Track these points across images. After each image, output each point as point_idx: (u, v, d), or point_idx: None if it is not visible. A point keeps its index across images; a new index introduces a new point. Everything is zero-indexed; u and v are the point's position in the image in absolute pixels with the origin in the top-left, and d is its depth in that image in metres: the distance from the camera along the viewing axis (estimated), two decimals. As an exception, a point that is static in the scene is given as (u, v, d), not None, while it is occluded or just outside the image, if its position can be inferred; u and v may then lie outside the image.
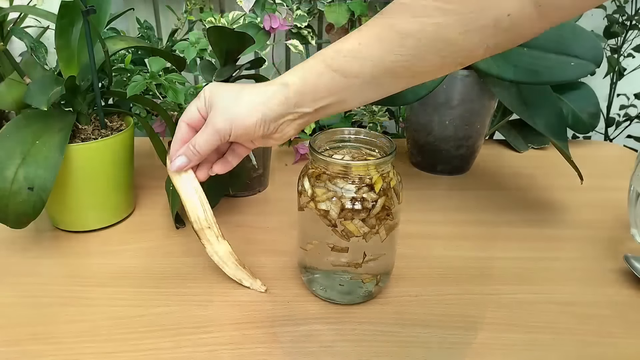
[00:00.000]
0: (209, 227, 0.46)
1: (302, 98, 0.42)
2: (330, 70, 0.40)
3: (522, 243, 0.58)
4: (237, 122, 0.42)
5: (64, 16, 0.55)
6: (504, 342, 0.44)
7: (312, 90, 0.41)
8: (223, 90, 0.44)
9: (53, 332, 0.44)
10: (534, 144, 0.86)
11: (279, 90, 0.42)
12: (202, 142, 0.44)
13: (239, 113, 0.42)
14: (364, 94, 0.42)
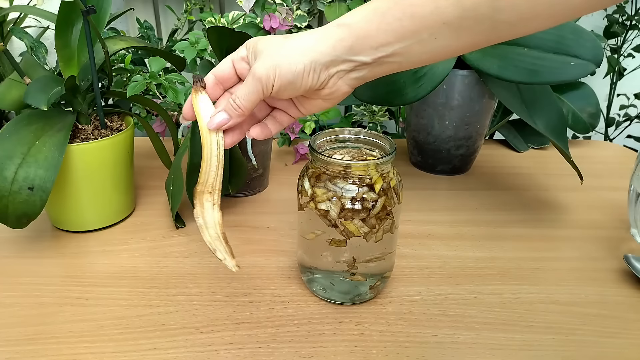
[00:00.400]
0: (210, 192, 0.42)
1: (360, 42, 0.36)
2: (400, 9, 0.34)
3: (522, 243, 0.58)
4: (282, 68, 0.37)
5: (64, 16, 0.55)
6: (504, 342, 0.44)
7: (374, 33, 0.35)
8: (269, 38, 0.39)
9: (53, 332, 0.44)
10: (534, 144, 0.86)
11: (333, 32, 0.37)
12: (243, 95, 0.39)
13: (284, 57, 0.37)
14: (435, 43, 0.35)
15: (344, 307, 0.47)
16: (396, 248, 0.49)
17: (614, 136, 1.19)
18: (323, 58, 0.37)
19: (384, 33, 0.35)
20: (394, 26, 0.35)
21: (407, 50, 0.36)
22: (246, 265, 0.53)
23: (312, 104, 0.41)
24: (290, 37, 0.38)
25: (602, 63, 0.65)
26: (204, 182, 0.42)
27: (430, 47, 0.36)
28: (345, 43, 0.36)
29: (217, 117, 0.40)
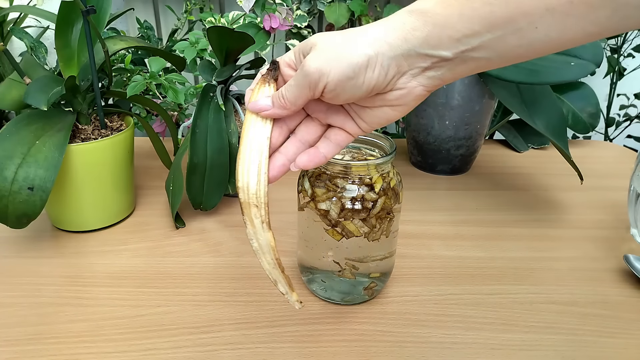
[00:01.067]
0: (256, 205, 0.35)
1: (438, 32, 0.29)
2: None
3: (522, 243, 0.58)
4: (339, 61, 0.30)
5: (64, 16, 0.55)
6: (504, 342, 0.44)
7: (456, 20, 0.29)
8: (325, 33, 0.33)
9: (53, 332, 0.44)
10: (534, 144, 0.86)
11: (404, 20, 0.30)
12: (289, 87, 0.33)
13: (344, 48, 0.31)
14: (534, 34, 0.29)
15: (344, 307, 0.47)
16: (396, 248, 0.49)
17: (614, 136, 1.19)
18: (392, 51, 0.30)
19: (468, 21, 0.29)
20: (481, 12, 0.28)
21: (499, 42, 0.29)
22: (246, 265, 0.53)
23: (376, 114, 0.34)
24: (351, 29, 0.32)
25: (602, 63, 0.65)
26: (245, 187, 0.35)
27: (528, 40, 0.29)
28: (419, 33, 0.30)
29: (261, 101, 0.35)
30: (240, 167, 0.35)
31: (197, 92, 0.69)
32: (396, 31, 0.30)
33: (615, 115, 1.18)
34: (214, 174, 0.59)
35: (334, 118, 0.36)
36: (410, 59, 0.31)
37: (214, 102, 0.59)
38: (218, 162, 0.58)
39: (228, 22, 0.71)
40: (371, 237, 0.43)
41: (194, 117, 0.58)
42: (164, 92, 0.60)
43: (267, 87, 0.36)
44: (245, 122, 0.35)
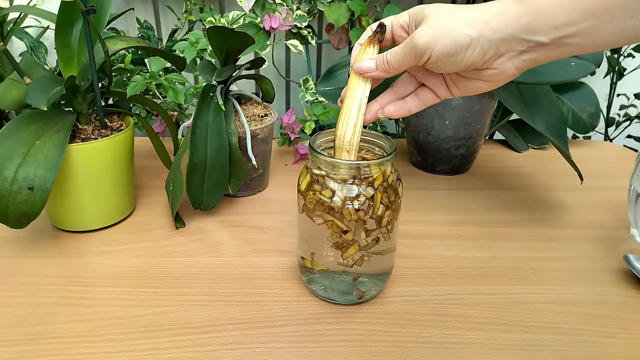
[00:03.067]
0: (347, 151, 0.41)
1: (539, 20, 0.32)
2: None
3: (522, 243, 0.58)
4: (444, 38, 0.34)
5: (64, 16, 0.55)
6: (504, 342, 0.44)
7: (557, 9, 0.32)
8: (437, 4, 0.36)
9: (53, 332, 0.44)
10: (534, 144, 0.86)
11: (509, 6, 0.33)
12: (396, 54, 0.37)
13: (450, 28, 0.34)
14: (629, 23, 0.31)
15: (344, 307, 0.47)
16: (396, 248, 0.49)
17: (614, 136, 1.19)
18: (494, 35, 0.33)
19: (568, 10, 0.31)
20: (581, 3, 0.31)
21: (594, 30, 0.32)
22: (246, 265, 0.53)
23: (469, 85, 0.38)
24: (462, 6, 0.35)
25: (602, 63, 0.65)
26: (342, 136, 0.41)
27: (622, 27, 0.31)
28: (521, 20, 0.33)
29: (365, 63, 0.39)
30: (341, 119, 0.41)
31: (197, 92, 0.69)
32: (501, 16, 0.33)
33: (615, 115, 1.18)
34: (214, 174, 0.59)
35: (431, 80, 0.40)
36: (509, 42, 0.34)
37: (214, 102, 0.59)
38: (218, 162, 0.58)
39: (228, 22, 0.71)
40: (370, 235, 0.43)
41: (194, 117, 0.58)
42: (164, 92, 0.60)
43: (372, 48, 0.40)
44: (350, 81, 0.41)
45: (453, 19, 0.34)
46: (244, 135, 0.62)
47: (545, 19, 0.32)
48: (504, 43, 0.34)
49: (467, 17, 0.34)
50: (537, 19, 0.33)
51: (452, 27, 0.34)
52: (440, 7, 0.36)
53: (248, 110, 0.66)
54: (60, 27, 0.55)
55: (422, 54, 0.35)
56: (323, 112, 0.78)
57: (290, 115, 0.76)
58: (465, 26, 0.34)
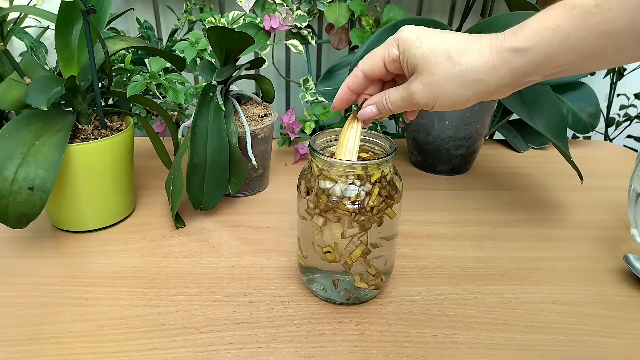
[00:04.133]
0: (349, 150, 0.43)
1: (537, 68, 0.34)
2: (587, 27, 0.31)
3: (522, 243, 0.58)
4: (442, 99, 0.37)
5: (64, 16, 0.55)
6: (504, 342, 0.44)
7: (555, 56, 0.33)
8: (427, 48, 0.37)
9: (53, 332, 0.44)
10: (534, 144, 0.86)
11: (506, 59, 0.34)
12: (396, 103, 0.39)
13: (447, 91, 0.36)
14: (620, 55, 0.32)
15: (344, 307, 0.47)
16: (396, 248, 0.49)
17: (614, 136, 1.19)
18: (490, 88, 0.36)
19: (565, 54, 0.33)
20: (577, 46, 0.32)
21: (586, 64, 0.33)
22: (246, 265, 0.53)
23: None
24: (454, 55, 0.36)
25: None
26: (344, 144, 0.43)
27: (613, 59, 0.33)
28: (520, 71, 0.34)
29: (368, 110, 0.42)
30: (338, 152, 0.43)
31: (197, 92, 0.69)
32: (498, 72, 0.35)
33: (615, 115, 1.18)
34: (214, 174, 0.59)
35: None
36: (505, 88, 0.36)
37: (214, 102, 0.59)
38: (218, 162, 0.58)
39: (228, 22, 0.71)
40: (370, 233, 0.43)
41: (194, 117, 0.58)
42: (164, 92, 0.60)
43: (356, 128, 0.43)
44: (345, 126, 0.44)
45: (448, 79, 0.36)
46: (244, 135, 0.62)
47: (544, 65, 0.34)
48: (500, 88, 0.36)
49: (463, 77, 0.36)
50: (534, 68, 0.34)
51: (448, 89, 0.36)
52: (430, 58, 0.37)
53: (248, 110, 0.66)
54: (60, 27, 0.55)
55: (423, 107, 0.39)
56: (323, 112, 0.78)
57: (290, 115, 0.76)
58: (462, 88, 0.36)
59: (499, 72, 0.35)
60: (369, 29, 0.81)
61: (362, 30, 0.81)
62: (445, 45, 0.36)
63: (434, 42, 0.37)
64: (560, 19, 0.32)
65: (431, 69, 0.37)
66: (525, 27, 0.34)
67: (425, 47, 0.37)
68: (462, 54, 0.36)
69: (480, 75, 0.35)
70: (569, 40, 0.32)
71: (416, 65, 0.37)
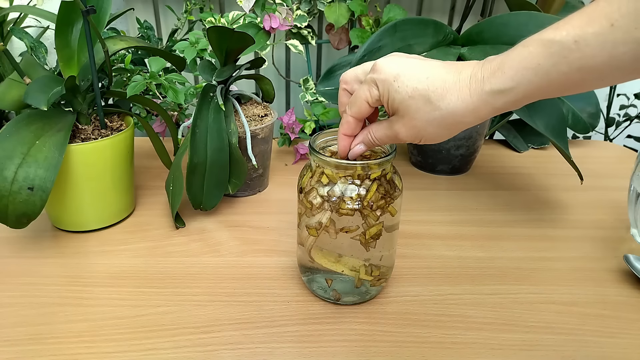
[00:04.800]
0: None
1: (517, 103, 0.34)
2: (567, 63, 0.31)
3: (522, 243, 0.58)
4: (426, 139, 0.38)
5: (64, 16, 0.55)
6: (504, 342, 0.44)
7: (535, 92, 0.33)
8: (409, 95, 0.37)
9: (53, 332, 0.44)
10: (534, 144, 0.86)
11: (487, 100, 0.35)
12: (383, 139, 0.41)
13: (430, 133, 0.37)
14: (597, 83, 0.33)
15: (344, 307, 0.47)
16: (396, 248, 0.49)
17: (614, 136, 1.19)
18: (471, 123, 0.36)
19: (545, 89, 0.33)
20: (558, 81, 0.32)
21: (565, 92, 0.34)
22: (246, 265, 0.53)
23: None
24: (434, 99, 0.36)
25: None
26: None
27: (591, 87, 0.33)
28: (500, 109, 0.35)
29: (357, 149, 0.43)
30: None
31: (197, 92, 0.69)
32: (479, 112, 0.35)
33: (615, 115, 1.18)
34: (214, 174, 0.59)
35: None
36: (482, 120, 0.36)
37: (214, 102, 0.59)
38: (218, 162, 0.58)
39: (228, 22, 0.71)
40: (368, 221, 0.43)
41: (194, 117, 0.58)
42: (164, 92, 0.60)
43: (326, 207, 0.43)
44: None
45: (429, 123, 0.37)
46: (244, 135, 0.62)
47: (524, 100, 0.34)
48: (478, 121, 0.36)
49: (444, 121, 0.36)
50: (514, 104, 0.34)
51: (430, 131, 0.37)
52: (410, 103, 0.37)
53: (248, 110, 0.66)
54: (60, 27, 0.55)
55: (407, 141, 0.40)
56: (323, 112, 0.78)
57: (290, 115, 0.76)
58: (443, 129, 0.37)
59: (479, 112, 0.35)
60: (369, 29, 0.81)
61: (362, 30, 0.81)
62: (424, 87, 0.36)
63: (412, 84, 0.36)
64: (540, 56, 0.32)
65: (412, 113, 0.37)
66: (505, 67, 0.34)
67: (404, 92, 0.37)
68: (442, 98, 0.36)
69: (461, 118, 0.36)
70: (549, 77, 0.32)
71: (397, 109, 0.38)
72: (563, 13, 0.77)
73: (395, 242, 0.47)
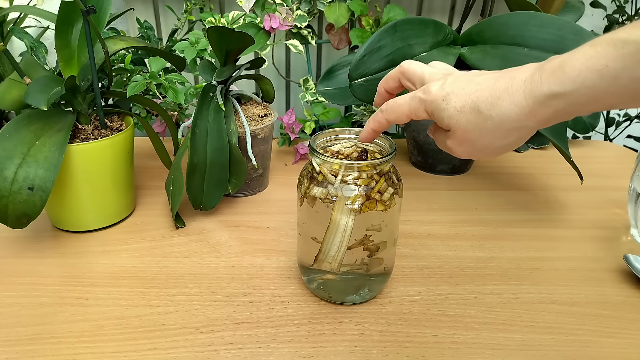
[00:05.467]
0: (329, 262, 0.45)
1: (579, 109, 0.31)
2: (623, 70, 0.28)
3: (521, 243, 0.58)
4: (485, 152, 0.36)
5: (64, 16, 0.55)
6: (504, 342, 0.44)
7: (600, 97, 0.30)
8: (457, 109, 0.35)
9: (53, 332, 0.44)
10: (534, 144, 0.86)
11: (544, 104, 0.32)
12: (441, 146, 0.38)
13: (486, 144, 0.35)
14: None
15: (344, 307, 0.47)
16: (396, 248, 0.49)
17: (614, 136, 1.19)
18: (532, 128, 0.34)
19: (615, 96, 0.29)
20: (629, 88, 0.28)
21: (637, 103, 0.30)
22: (246, 265, 0.53)
23: None
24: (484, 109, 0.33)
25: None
26: (326, 252, 0.44)
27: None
28: (558, 115, 0.32)
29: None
30: (326, 237, 0.43)
31: (197, 92, 0.69)
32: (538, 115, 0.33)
33: (615, 115, 1.18)
34: (214, 173, 0.59)
35: None
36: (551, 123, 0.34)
37: (214, 102, 0.59)
38: (218, 162, 0.58)
39: (228, 22, 0.71)
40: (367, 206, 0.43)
41: (194, 117, 0.58)
42: (164, 92, 0.60)
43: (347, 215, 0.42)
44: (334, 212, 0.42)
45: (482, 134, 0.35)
46: (244, 135, 0.62)
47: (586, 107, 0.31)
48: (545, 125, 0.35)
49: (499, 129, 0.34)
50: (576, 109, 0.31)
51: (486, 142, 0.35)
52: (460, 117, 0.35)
53: (248, 110, 0.66)
54: (60, 27, 0.55)
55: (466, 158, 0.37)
56: (323, 112, 0.78)
57: (290, 115, 0.76)
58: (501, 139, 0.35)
59: (539, 115, 0.32)
60: (369, 29, 0.81)
61: (362, 30, 0.81)
62: (473, 99, 0.34)
63: (461, 99, 0.34)
64: (609, 57, 0.28)
65: (463, 126, 0.35)
66: (567, 67, 0.30)
67: (452, 108, 0.35)
68: (493, 106, 0.33)
69: (516, 123, 0.33)
70: (618, 82, 0.28)
71: (448, 126, 0.36)
72: (563, 13, 0.77)
73: (395, 242, 0.47)
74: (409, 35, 0.64)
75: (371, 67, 0.62)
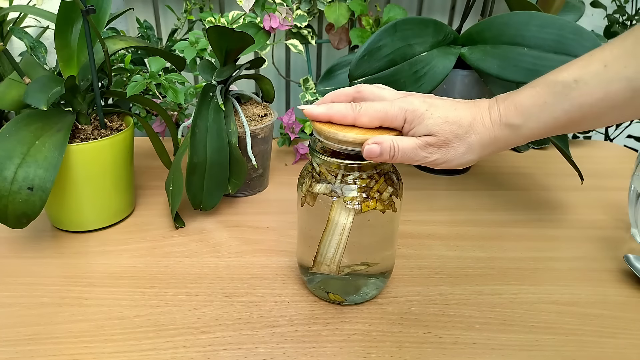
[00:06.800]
0: (327, 265, 0.44)
1: (524, 140, 0.39)
2: (569, 101, 0.36)
3: (522, 243, 0.58)
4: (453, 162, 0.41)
5: (64, 16, 0.55)
6: (504, 342, 0.44)
7: (542, 129, 0.38)
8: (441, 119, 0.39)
9: (53, 332, 0.44)
10: (534, 143, 0.86)
11: (500, 134, 0.39)
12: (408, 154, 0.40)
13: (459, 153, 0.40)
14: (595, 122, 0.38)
15: (344, 307, 0.47)
16: (396, 248, 0.49)
17: (614, 136, 1.19)
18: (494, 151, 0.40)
19: (551, 126, 0.38)
20: (561, 119, 0.37)
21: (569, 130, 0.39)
22: (246, 266, 0.53)
23: None
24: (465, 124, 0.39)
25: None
26: (323, 253, 0.44)
27: (589, 124, 0.38)
28: (509, 142, 0.39)
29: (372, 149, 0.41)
30: (324, 238, 0.43)
31: (197, 92, 0.69)
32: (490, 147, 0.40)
33: (616, 115, 1.18)
34: (214, 173, 0.59)
35: None
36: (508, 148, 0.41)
37: (214, 102, 0.59)
38: (218, 162, 0.58)
39: (228, 22, 0.71)
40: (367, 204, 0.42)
41: (193, 117, 0.58)
42: (164, 92, 0.60)
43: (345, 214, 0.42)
44: (334, 208, 0.42)
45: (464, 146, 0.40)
46: (243, 135, 0.62)
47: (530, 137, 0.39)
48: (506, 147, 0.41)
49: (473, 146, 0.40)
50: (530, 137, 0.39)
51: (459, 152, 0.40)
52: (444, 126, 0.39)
53: (248, 110, 0.66)
54: (60, 27, 0.55)
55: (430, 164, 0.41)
56: (323, 112, 0.77)
57: (290, 115, 0.76)
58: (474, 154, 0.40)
59: (492, 146, 0.39)
60: (369, 29, 0.81)
61: (362, 30, 0.81)
62: (455, 115, 0.39)
63: (444, 112, 0.39)
64: (546, 95, 0.37)
65: (449, 136, 0.39)
66: (517, 104, 0.38)
67: (438, 118, 0.39)
68: (471, 126, 0.39)
69: (486, 145, 0.39)
70: (554, 115, 0.37)
71: (429, 131, 0.39)
72: (563, 13, 0.77)
73: (395, 242, 0.47)
74: (409, 35, 0.64)
75: (371, 66, 0.62)
